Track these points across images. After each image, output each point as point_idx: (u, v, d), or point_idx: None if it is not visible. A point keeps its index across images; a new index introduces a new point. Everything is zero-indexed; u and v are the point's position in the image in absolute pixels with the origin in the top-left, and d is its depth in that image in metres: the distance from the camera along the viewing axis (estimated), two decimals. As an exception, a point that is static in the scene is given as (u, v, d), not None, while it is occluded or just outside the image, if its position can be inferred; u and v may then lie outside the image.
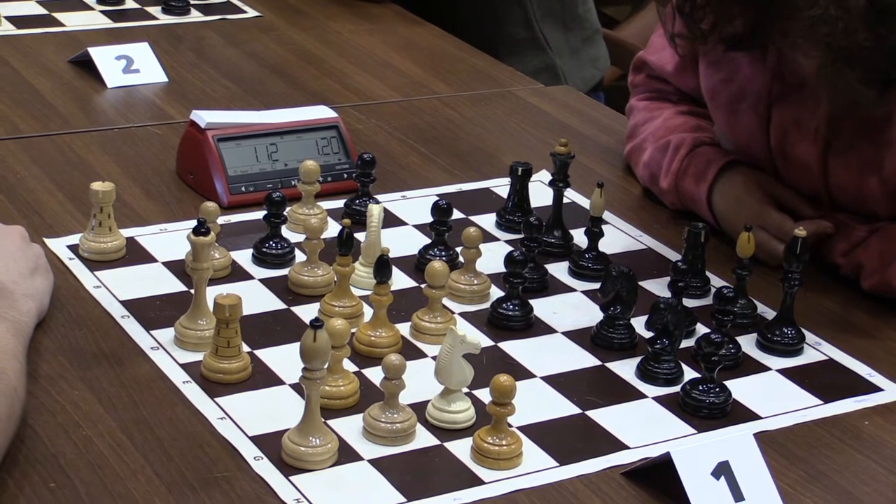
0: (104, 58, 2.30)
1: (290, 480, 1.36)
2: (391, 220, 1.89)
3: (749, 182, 1.89)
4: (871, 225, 1.82)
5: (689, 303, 1.69)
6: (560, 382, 1.58)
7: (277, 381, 1.53)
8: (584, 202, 1.94)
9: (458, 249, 1.75)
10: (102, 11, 2.59)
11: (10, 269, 1.54)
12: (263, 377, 1.54)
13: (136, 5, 2.63)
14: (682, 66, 2.04)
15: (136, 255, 1.76)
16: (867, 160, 1.80)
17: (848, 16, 1.65)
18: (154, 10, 2.61)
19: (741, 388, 1.58)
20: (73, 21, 2.53)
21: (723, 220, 1.89)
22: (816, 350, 1.69)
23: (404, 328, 1.63)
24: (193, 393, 1.50)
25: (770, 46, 1.80)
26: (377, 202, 1.86)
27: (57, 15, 2.54)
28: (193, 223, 1.56)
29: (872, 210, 1.83)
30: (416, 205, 1.95)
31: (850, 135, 1.81)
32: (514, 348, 1.64)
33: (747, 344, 1.67)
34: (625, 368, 1.61)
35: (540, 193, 1.95)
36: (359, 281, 1.69)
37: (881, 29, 1.65)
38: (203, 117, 1.93)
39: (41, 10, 2.54)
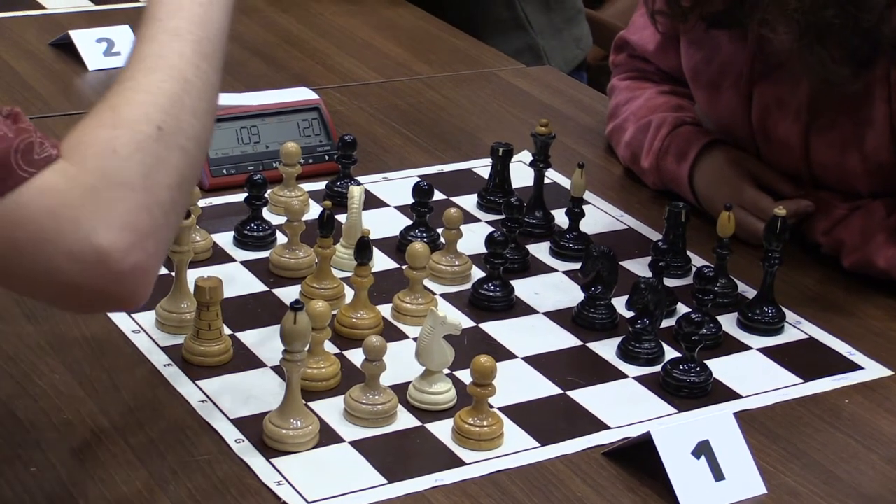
0: (85, 41, 2.29)
1: (271, 462, 1.36)
2: (372, 202, 1.89)
3: (730, 161, 1.89)
4: (852, 202, 1.82)
5: (669, 282, 1.69)
6: (541, 363, 1.58)
7: (259, 364, 1.53)
8: (566, 182, 1.94)
9: (439, 230, 1.75)
10: (84, -8, 2.58)
11: None
12: (244, 360, 1.53)
13: (117, -14, 2.62)
14: (664, 46, 2.03)
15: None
16: (849, 138, 1.80)
17: None
18: (135, -11, 2.60)
19: (722, 368, 1.58)
20: (54, 3, 2.51)
21: (704, 200, 1.89)
22: (797, 329, 1.69)
23: (385, 310, 1.63)
24: (174, 376, 1.49)
25: (750, 25, 1.80)
26: (358, 184, 1.85)
27: (41, -1, 2.54)
28: (174, 206, 1.55)
29: (854, 187, 1.83)
30: (397, 186, 1.95)
31: (831, 113, 1.80)
32: (495, 329, 1.63)
33: (728, 323, 1.67)
34: (606, 348, 1.61)
35: (521, 174, 1.94)
36: (340, 262, 1.69)
37: (850, 6, 1.65)
38: (183, 101, 1.92)
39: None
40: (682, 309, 1.67)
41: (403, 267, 1.64)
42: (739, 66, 1.88)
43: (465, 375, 1.46)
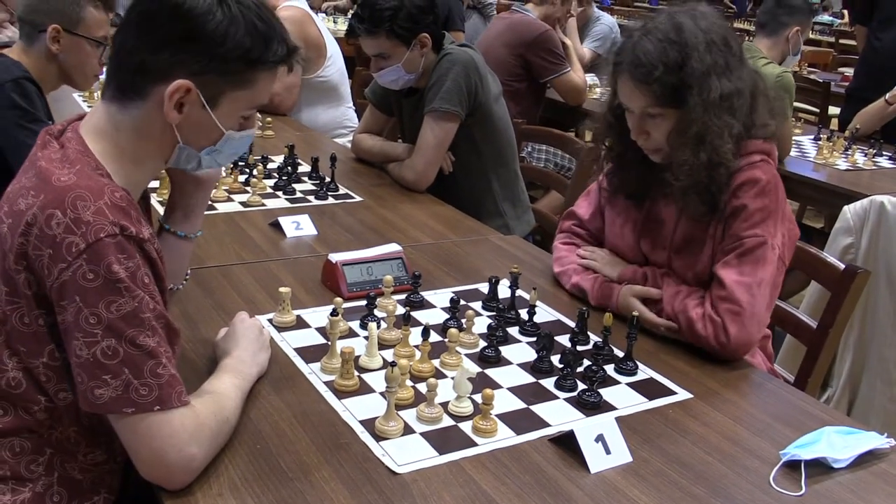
0: (286, 222, 2.27)
1: (380, 445, 1.33)
2: (428, 304, 1.86)
3: (626, 292, 1.83)
4: (681, 287, 1.75)
5: (580, 348, 1.65)
6: (516, 390, 1.53)
7: (372, 391, 1.49)
8: (526, 296, 1.91)
9: (463, 321, 1.72)
10: (285, 198, 2.57)
11: (248, 348, 1.48)
12: (366, 389, 1.50)
13: (301, 195, 2.61)
14: (594, 214, 2.00)
15: (301, 324, 1.72)
16: (690, 263, 1.77)
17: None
18: (310, 196, 2.59)
19: (607, 394, 1.54)
20: (270, 204, 2.51)
21: (621, 307, 1.80)
22: (644, 372, 1.64)
23: (437, 362, 1.59)
24: (330, 397, 1.46)
25: (646, 199, 1.78)
26: (422, 296, 1.83)
27: (265, 200, 2.53)
28: (330, 308, 1.53)
29: (690, 284, 1.78)
30: (441, 296, 1.91)
31: (682, 249, 1.78)
32: (492, 373, 1.59)
33: (609, 370, 1.63)
34: (548, 383, 1.57)
35: (504, 291, 1.91)
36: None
37: (712, 172, 1.65)
38: (333, 257, 1.91)
39: (257, 198, 2.52)
40: (587, 363, 1.62)
41: (446, 340, 1.61)
42: (635, 221, 1.86)
43: (477, 397, 1.42)
